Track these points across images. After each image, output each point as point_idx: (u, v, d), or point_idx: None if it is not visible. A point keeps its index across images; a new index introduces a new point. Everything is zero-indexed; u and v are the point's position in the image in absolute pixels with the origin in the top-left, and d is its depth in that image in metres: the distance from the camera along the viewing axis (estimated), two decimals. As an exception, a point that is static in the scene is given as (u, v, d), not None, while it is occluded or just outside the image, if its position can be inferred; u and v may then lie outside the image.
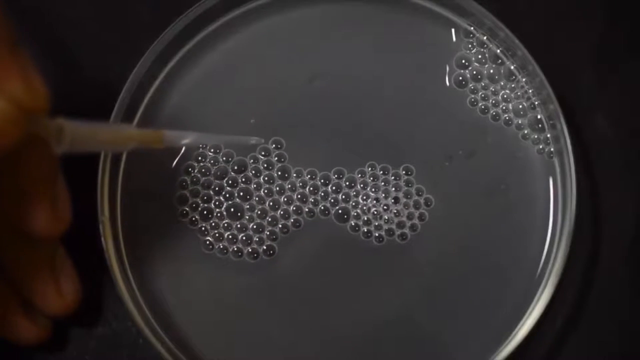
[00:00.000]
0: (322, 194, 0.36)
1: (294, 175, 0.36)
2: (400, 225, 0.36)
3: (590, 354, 0.37)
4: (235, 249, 0.36)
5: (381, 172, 0.36)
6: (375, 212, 0.36)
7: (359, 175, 0.36)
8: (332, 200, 0.36)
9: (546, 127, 0.37)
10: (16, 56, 0.25)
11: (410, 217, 0.36)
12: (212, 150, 0.36)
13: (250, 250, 0.36)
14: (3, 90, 0.23)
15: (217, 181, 0.36)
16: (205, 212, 0.36)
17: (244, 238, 0.36)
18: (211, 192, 0.36)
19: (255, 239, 0.36)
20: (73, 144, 0.26)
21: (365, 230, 0.36)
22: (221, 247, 0.36)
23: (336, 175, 0.36)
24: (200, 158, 0.36)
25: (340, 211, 0.36)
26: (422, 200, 0.36)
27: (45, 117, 0.25)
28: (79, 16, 0.40)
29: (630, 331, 0.37)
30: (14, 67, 0.24)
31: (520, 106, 0.37)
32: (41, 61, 0.26)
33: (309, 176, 0.36)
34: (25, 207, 0.28)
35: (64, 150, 0.26)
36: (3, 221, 0.29)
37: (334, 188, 0.36)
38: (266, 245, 0.36)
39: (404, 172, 0.36)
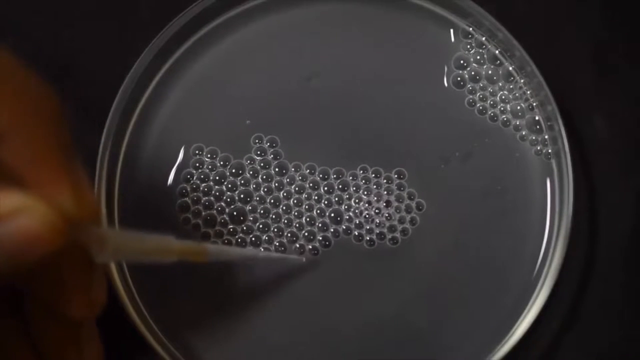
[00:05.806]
0: (316, 197, 0.36)
1: (292, 169, 0.36)
2: (392, 229, 0.36)
3: (586, 355, 0.37)
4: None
5: (373, 175, 0.36)
6: (367, 216, 0.36)
7: (351, 178, 0.36)
8: (325, 202, 0.36)
9: (544, 128, 0.37)
10: (69, 165, 0.25)
11: (401, 220, 0.36)
12: (209, 155, 0.36)
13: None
14: (51, 198, 0.23)
15: (217, 186, 0.36)
16: (208, 218, 0.36)
17: (253, 239, 0.36)
18: (212, 199, 0.36)
19: (264, 237, 0.36)
20: (115, 254, 0.26)
21: (357, 233, 0.36)
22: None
23: (334, 176, 0.36)
24: (197, 164, 0.36)
25: (332, 214, 0.36)
26: (414, 204, 0.36)
27: (89, 227, 0.25)
28: (77, 14, 0.40)
29: (625, 333, 0.37)
30: (65, 176, 0.24)
31: (519, 107, 0.37)
32: (39, 59, 0.26)
33: (308, 170, 0.36)
34: (60, 292, 0.27)
35: (104, 260, 0.26)
36: (37, 299, 0.28)
37: (326, 188, 0.36)
38: (278, 242, 0.36)
39: (396, 175, 0.36)
